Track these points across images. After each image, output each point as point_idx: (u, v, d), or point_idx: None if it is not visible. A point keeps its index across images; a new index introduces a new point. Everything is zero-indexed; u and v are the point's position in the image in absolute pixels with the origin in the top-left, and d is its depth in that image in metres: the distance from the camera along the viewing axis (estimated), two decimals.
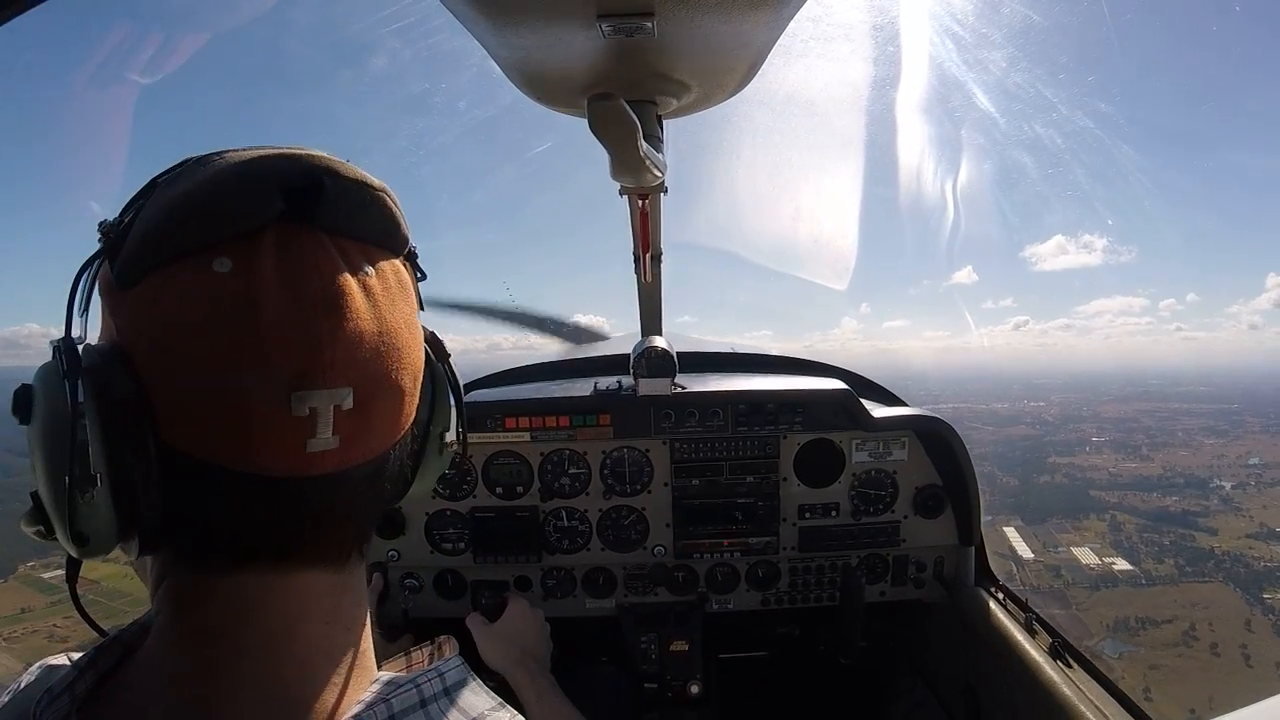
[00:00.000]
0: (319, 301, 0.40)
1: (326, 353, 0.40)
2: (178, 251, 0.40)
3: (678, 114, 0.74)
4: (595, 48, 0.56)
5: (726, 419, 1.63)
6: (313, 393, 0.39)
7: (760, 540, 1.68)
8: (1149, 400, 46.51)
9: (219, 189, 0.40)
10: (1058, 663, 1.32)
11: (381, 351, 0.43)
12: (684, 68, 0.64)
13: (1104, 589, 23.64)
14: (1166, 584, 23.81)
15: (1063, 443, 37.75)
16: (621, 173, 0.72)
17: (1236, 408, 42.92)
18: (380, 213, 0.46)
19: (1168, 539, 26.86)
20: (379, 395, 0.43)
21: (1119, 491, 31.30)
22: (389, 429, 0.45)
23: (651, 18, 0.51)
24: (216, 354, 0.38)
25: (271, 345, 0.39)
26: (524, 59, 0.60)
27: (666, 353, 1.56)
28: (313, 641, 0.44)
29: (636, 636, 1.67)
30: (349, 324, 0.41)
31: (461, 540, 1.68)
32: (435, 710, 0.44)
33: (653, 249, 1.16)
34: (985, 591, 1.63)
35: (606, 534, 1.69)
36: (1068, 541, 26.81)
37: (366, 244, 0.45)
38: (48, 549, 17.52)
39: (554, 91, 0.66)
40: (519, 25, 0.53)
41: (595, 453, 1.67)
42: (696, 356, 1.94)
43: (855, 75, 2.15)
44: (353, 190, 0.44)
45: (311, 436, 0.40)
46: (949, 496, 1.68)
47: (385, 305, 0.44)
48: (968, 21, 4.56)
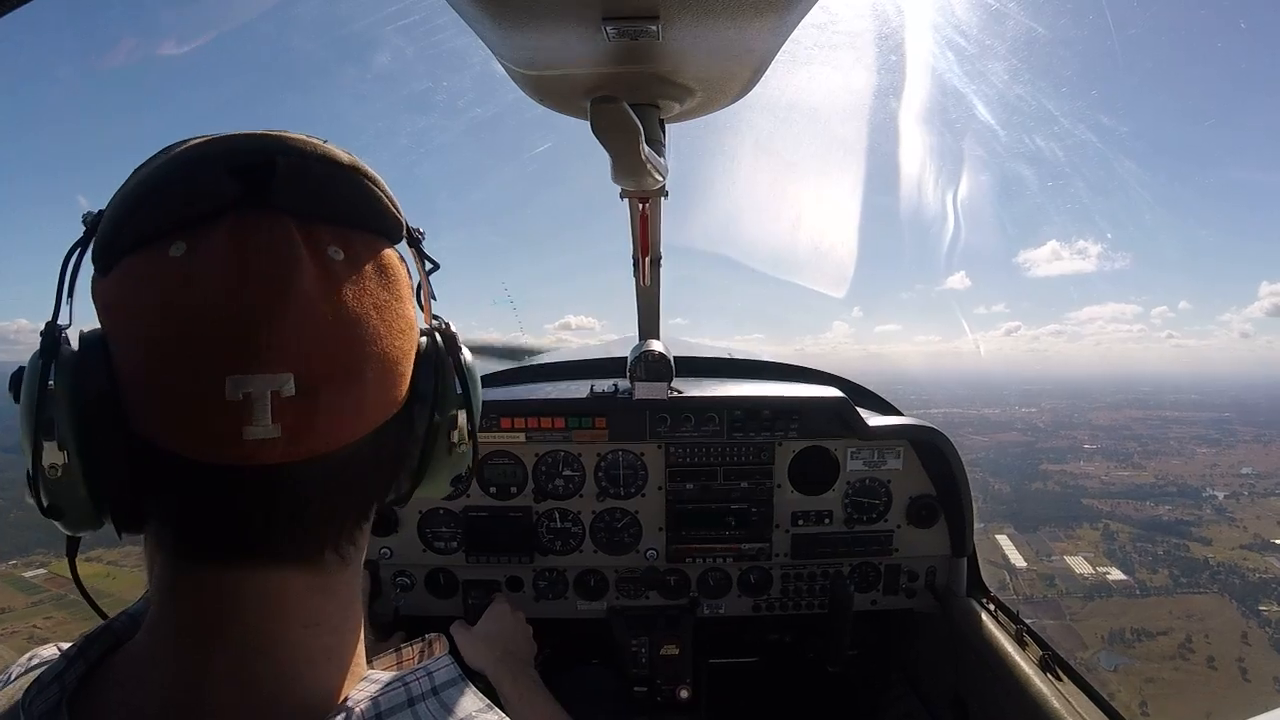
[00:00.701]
0: (260, 281, 0.38)
1: (263, 335, 0.38)
2: (139, 238, 0.40)
3: (680, 118, 0.74)
4: (599, 50, 0.56)
5: (722, 424, 1.64)
6: (248, 377, 0.37)
7: (753, 546, 1.68)
8: (1140, 407, 46.88)
9: (171, 174, 0.40)
10: (1048, 675, 1.32)
11: (336, 337, 0.40)
12: (688, 72, 0.63)
13: (1098, 599, 23.66)
14: (1161, 594, 23.80)
15: (1055, 449, 37.98)
16: (622, 175, 0.73)
17: (1228, 416, 43.30)
18: (352, 192, 0.44)
19: (1162, 549, 26.97)
20: (329, 383, 0.40)
21: (1112, 500, 31.46)
22: (346, 421, 0.41)
23: (656, 21, 0.51)
24: (166, 338, 0.38)
25: (209, 328, 0.38)
26: (528, 59, 0.60)
27: (663, 356, 1.56)
28: (293, 644, 0.43)
29: (627, 639, 1.67)
30: (294, 306, 0.38)
31: (454, 539, 1.67)
32: (423, 709, 0.43)
33: (652, 252, 1.16)
34: (977, 603, 1.63)
35: (599, 536, 1.69)
36: (1061, 550, 26.88)
37: (342, 226, 0.43)
38: (28, 547, 17.26)
39: (557, 93, 0.66)
40: (524, 26, 0.53)
41: (590, 455, 1.66)
42: (693, 361, 1.94)
43: (858, 83, 2.18)
44: (313, 168, 0.42)
45: (249, 424, 0.37)
46: (943, 507, 1.68)
47: (351, 290, 0.41)
48: (971, 34, 4.63)
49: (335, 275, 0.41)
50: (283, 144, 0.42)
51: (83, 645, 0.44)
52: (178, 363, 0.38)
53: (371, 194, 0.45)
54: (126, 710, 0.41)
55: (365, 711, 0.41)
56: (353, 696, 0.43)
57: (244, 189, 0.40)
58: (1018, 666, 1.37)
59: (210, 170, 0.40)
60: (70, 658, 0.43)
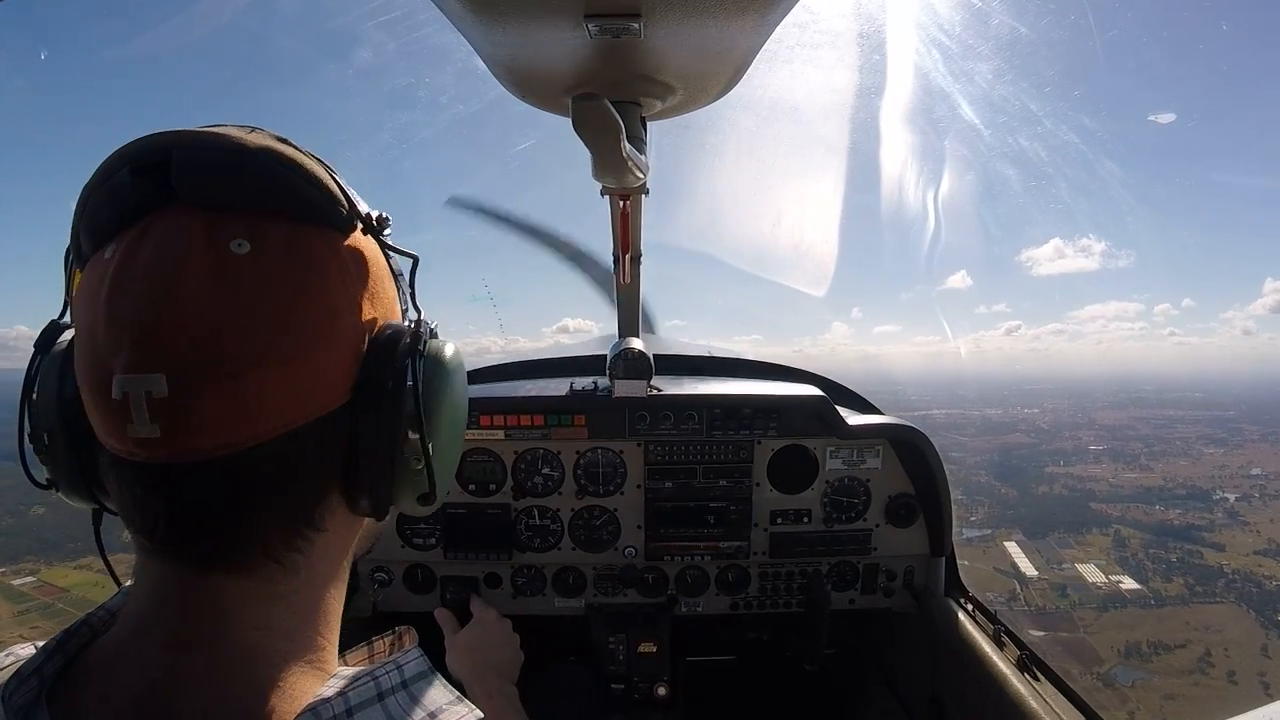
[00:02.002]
0: (141, 281, 0.39)
1: (138, 334, 0.38)
2: (92, 243, 0.43)
3: (662, 116, 0.74)
4: (581, 47, 0.56)
5: (701, 422, 1.64)
6: (125, 376, 0.38)
7: (731, 544, 1.68)
8: (1143, 407, 46.37)
9: (96, 180, 0.42)
10: (1025, 675, 1.33)
11: (221, 336, 0.38)
12: (669, 70, 0.64)
13: (1112, 609, 22.90)
14: (1177, 604, 23.01)
15: (1059, 451, 37.43)
16: (603, 173, 0.72)
17: (1233, 415, 42.81)
18: (262, 176, 0.41)
19: (1174, 555, 26.33)
20: (209, 384, 0.38)
21: (1121, 504, 30.86)
22: (236, 422, 0.39)
23: (639, 19, 0.51)
24: (83, 337, 0.41)
25: (105, 327, 0.39)
26: (510, 56, 0.60)
27: (642, 354, 1.56)
28: (249, 645, 0.43)
29: (605, 637, 1.66)
30: (172, 306, 0.38)
31: (432, 536, 1.67)
32: (393, 704, 0.43)
33: (632, 250, 1.16)
34: (955, 602, 1.64)
35: (578, 534, 1.69)
36: (1072, 558, 26.20)
37: (255, 214, 0.41)
38: (17, 555, 16.86)
39: (538, 89, 0.66)
40: (506, 22, 0.53)
41: (569, 452, 1.66)
42: (673, 359, 1.94)
43: (840, 82, 2.20)
44: (210, 157, 0.41)
45: (129, 422, 0.39)
46: (921, 506, 1.69)
47: (251, 283, 0.39)
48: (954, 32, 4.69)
49: (230, 269, 0.39)
50: (181, 138, 0.41)
51: (61, 639, 0.44)
52: (85, 362, 0.41)
53: (286, 177, 0.42)
54: (102, 703, 0.41)
55: (335, 707, 0.41)
56: (322, 693, 0.42)
57: (154, 187, 0.41)
58: (995, 666, 1.37)
59: (118, 172, 0.41)
60: (49, 651, 0.43)
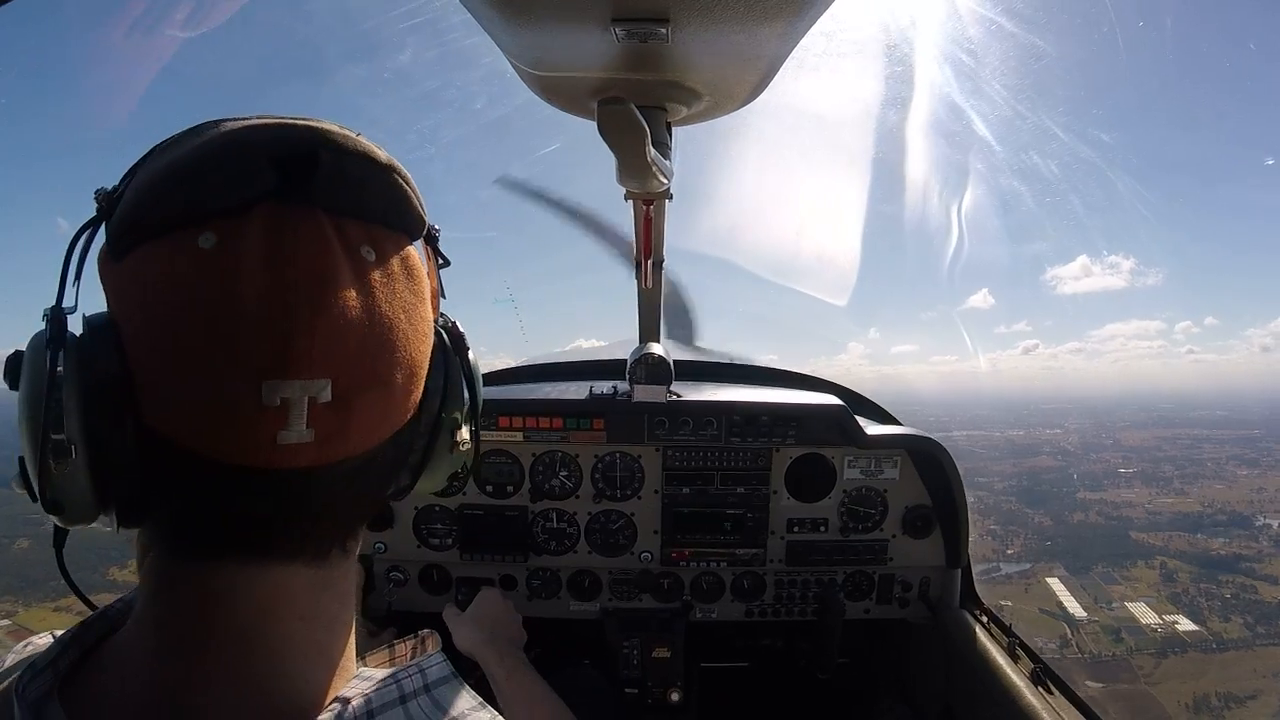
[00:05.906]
0: (301, 286, 0.37)
1: (302, 341, 0.37)
2: (164, 224, 0.38)
3: (687, 121, 0.74)
4: (608, 51, 0.56)
5: (720, 429, 1.63)
6: (285, 383, 0.36)
7: (747, 551, 1.68)
8: (1167, 426, 44.25)
9: (206, 159, 0.38)
10: (1039, 689, 1.32)
11: (371, 343, 0.39)
12: (696, 75, 0.64)
13: (1172, 654, 20.85)
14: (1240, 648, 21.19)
15: (1089, 475, 35.76)
16: (628, 177, 0.73)
17: (1259, 433, 40.53)
18: (387, 191, 0.43)
19: (1227, 591, 24.41)
20: (364, 390, 0.39)
21: (1162, 533, 29.05)
22: (375, 426, 0.41)
23: (666, 24, 0.51)
24: (194, 334, 0.37)
25: (246, 329, 0.36)
26: (537, 60, 0.61)
27: (663, 360, 1.56)
28: (287, 637, 0.42)
29: (619, 641, 1.66)
30: (333, 312, 0.38)
31: (449, 536, 1.68)
32: (415, 707, 0.43)
33: (655, 255, 1.17)
34: (970, 614, 1.63)
35: (594, 537, 1.69)
36: (1120, 595, 24.26)
37: (371, 224, 0.42)
38: None
39: (565, 93, 0.67)
40: (535, 26, 0.54)
41: (587, 456, 1.66)
42: (693, 365, 1.94)
43: (866, 92, 2.20)
44: (354, 165, 0.41)
45: (284, 428, 0.37)
46: (938, 518, 1.67)
47: (383, 293, 0.40)
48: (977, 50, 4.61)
49: (368, 277, 0.40)
50: (327, 138, 0.40)
51: (78, 631, 0.43)
52: (207, 362, 0.37)
53: (404, 194, 0.44)
54: (116, 699, 0.40)
55: (357, 708, 0.41)
56: (344, 693, 0.42)
57: (280, 181, 0.38)
58: (1009, 679, 1.37)
59: (252, 158, 0.38)
60: (64, 644, 0.42)
